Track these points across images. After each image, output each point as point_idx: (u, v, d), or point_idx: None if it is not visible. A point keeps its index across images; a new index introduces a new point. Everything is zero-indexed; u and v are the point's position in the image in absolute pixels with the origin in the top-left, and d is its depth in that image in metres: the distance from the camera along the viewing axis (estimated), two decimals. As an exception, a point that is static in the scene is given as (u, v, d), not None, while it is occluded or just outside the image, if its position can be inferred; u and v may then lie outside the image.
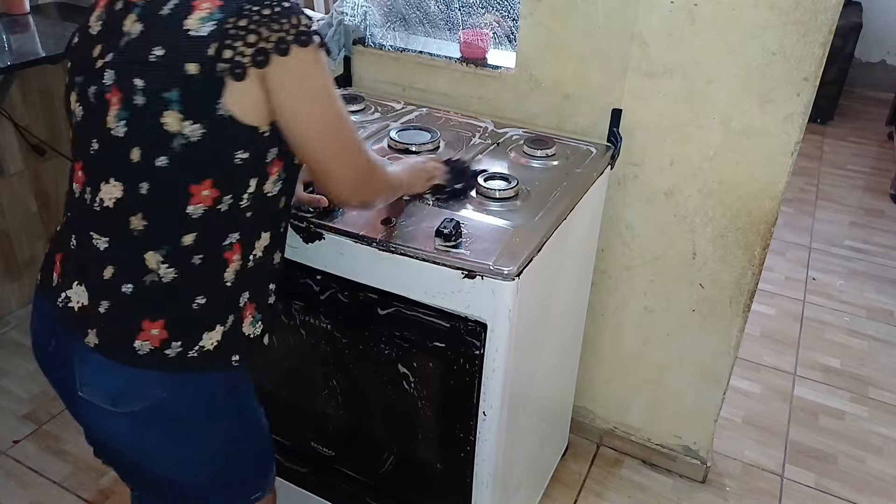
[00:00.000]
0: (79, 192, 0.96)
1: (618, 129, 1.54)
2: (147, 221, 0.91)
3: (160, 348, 0.94)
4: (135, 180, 0.90)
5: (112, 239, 0.93)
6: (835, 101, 4.37)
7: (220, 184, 0.91)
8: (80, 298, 0.95)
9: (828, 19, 1.29)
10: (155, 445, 1.00)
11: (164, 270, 0.93)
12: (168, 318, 0.94)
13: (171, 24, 0.85)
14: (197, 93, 0.84)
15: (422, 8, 1.80)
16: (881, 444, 2.02)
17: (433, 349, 1.21)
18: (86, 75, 0.93)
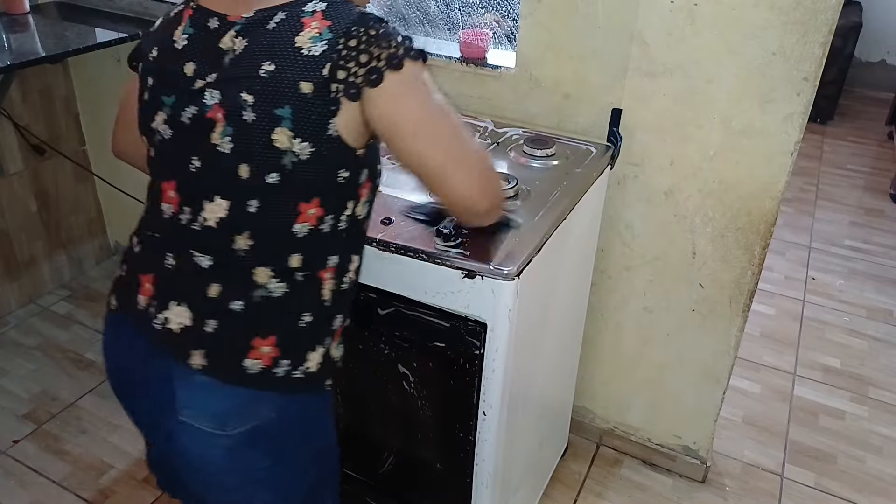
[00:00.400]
0: (171, 213, 0.93)
1: (618, 128, 1.54)
2: (253, 241, 0.89)
3: (270, 367, 0.91)
4: (243, 198, 0.87)
5: (216, 258, 0.91)
6: (835, 100, 4.37)
7: (325, 203, 0.90)
8: (181, 319, 0.91)
9: (828, 19, 1.29)
10: (249, 468, 0.96)
11: (275, 285, 0.91)
12: (279, 334, 0.92)
13: (281, 39, 0.84)
14: (309, 112, 0.83)
15: (421, 8, 1.80)
16: (881, 443, 2.02)
17: (433, 349, 1.21)
18: (178, 95, 0.90)
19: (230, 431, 0.92)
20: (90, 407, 2.04)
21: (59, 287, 2.54)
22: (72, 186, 2.48)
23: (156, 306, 0.93)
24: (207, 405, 0.92)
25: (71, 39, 1.97)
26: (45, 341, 2.30)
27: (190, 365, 0.90)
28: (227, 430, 0.92)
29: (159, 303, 0.93)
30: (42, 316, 2.41)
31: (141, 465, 1.86)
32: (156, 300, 0.93)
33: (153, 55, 0.94)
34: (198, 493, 1.01)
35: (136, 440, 1.93)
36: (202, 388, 0.91)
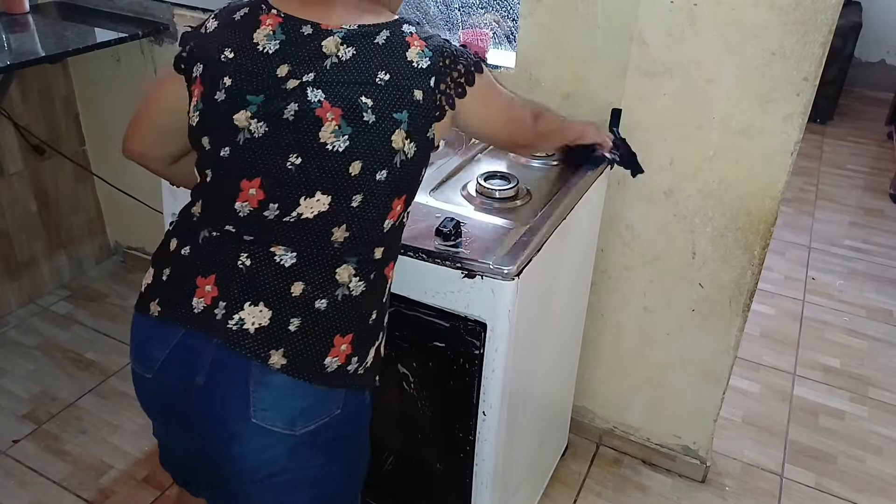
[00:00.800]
0: (250, 210, 0.93)
1: (618, 128, 1.54)
2: (349, 233, 0.93)
3: (344, 364, 0.95)
4: (348, 193, 0.92)
5: (302, 254, 0.93)
6: (834, 100, 4.37)
7: (407, 199, 1.00)
8: (258, 319, 0.91)
9: (828, 19, 1.29)
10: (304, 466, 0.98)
11: (355, 284, 0.95)
12: (356, 332, 0.96)
13: (393, 53, 0.94)
14: (420, 116, 0.94)
15: (421, 8, 1.80)
16: (881, 443, 2.02)
17: (433, 349, 1.21)
18: (269, 94, 0.92)
19: (298, 431, 0.94)
20: (90, 407, 2.04)
21: (59, 287, 2.54)
22: (72, 186, 2.48)
23: (225, 308, 0.92)
24: (283, 406, 0.93)
25: (71, 39, 1.97)
26: (45, 341, 2.30)
27: (269, 365, 0.91)
28: (296, 430, 0.94)
29: (230, 304, 0.92)
30: (42, 316, 2.41)
31: (141, 464, 1.86)
32: (224, 301, 0.93)
33: (228, 56, 0.94)
34: (241, 491, 1.00)
35: (136, 440, 1.93)
36: (280, 388, 0.92)
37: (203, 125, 0.96)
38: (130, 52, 2.21)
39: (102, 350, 2.25)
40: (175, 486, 1.60)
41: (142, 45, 2.18)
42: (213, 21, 1.00)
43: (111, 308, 2.45)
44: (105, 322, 2.38)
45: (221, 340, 0.92)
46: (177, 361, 0.96)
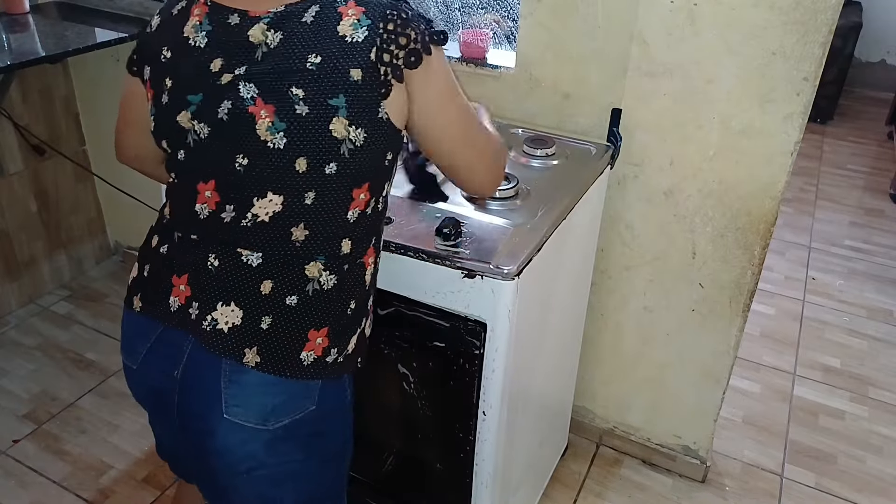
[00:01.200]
0: (209, 212, 0.91)
1: (618, 128, 1.54)
2: (309, 231, 0.90)
3: (321, 356, 0.94)
4: (299, 190, 0.88)
5: (267, 253, 0.91)
6: (835, 100, 4.37)
7: (372, 187, 0.92)
8: (231, 318, 0.91)
9: (828, 19, 1.29)
10: (283, 461, 0.98)
11: (326, 277, 0.93)
12: (331, 325, 0.94)
13: (323, 31, 0.85)
14: (362, 98, 0.85)
15: (421, 8, 1.80)
16: (881, 443, 2.02)
17: (433, 349, 1.21)
18: (206, 92, 0.88)
19: (271, 426, 0.93)
20: (90, 407, 2.04)
21: (59, 287, 2.54)
22: (72, 186, 2.48)
23: (199, 308, 0.92)
24: (256, 402, 0.92)
25: (71, 39, 1.97)
26: (45, 341, 2.30)
27: (245, 363, 0.90)
28: (269, 425, 0.93)
29: (203, 304, 0.92)
30: (42, 316, 2.41)
31: (141, 464, 1.86)
32: (197, 301, 0.93)
33: (167, 56, 0.92)
34: (228, 485, 1.01)
35: (136, 440, 1.93)
36: (253, 385, 0.92)
37: (158, 129, 0.94)
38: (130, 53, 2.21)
39: (102, 350, 2.25)
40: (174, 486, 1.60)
41: (142, 45, 2.18)
42: (157, 18, 0.96)
43: (111, 308, 2.45)
44: (105, 322, 2.38)
45: (196, 339, 0.92)
46: (158, 355, 0.97)
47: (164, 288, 0.95)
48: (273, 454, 0.96)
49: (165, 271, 0.96)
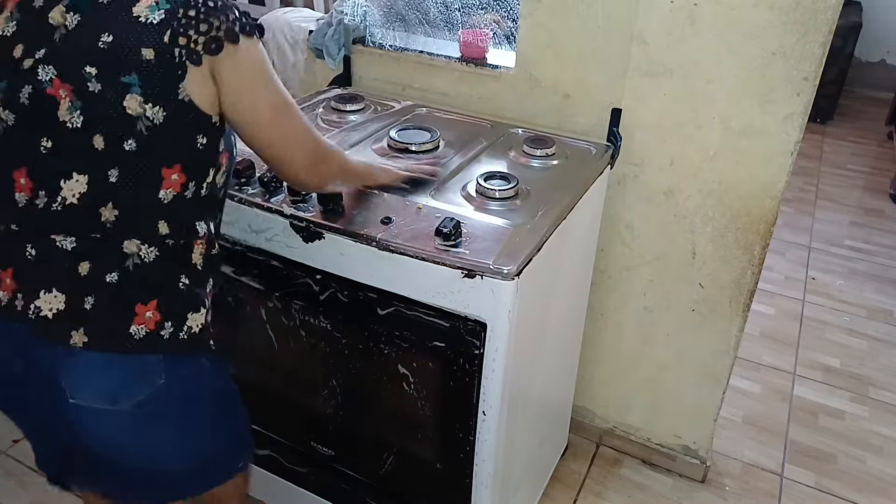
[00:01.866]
0: (26, 200, 0.93)
1: (618, 128, 1.54)
2: (118, 210, 0.92)
3: (155, 331, 0.95)
4: (102, 168, 0.90)
5: (80, 237, 0.93)
6: (835, 100, 4.37)
7: (187, 169, 0.95)
8: (54, 304, 0.92)
9: (828, 19, 1.29)
10: (151, 437, 1.00)
11: (146, 251, 0.94)
12: (160, 298, 0.95)
13: (117, 11, 0.88)
14: (156, 77, 0.88)
15: (421, 9, 1.80)
16: (881, 443, 2.02)
17: (433, 349, 1.21)
18: (10, 78, 0.90)
19: (123, 405, 0.95)
20: (90, 407, 2.04)
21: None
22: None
23: (23, 298, 0.94)
24: (96, 382, 0.94)
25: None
26: (45, 341, 2.29)
27: (73, 346, 0.92)
28: (121, 405, 0.95)
29: (26, 294, 0.93)
30: (42, 316, 2.41)
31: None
32: (21, 293, 0.94)
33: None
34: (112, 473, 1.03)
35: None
36: (89, 365, 0.93)
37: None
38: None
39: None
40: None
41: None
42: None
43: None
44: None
45: (26, 329, 0.93)
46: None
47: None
48: (136, 431, 0.98)
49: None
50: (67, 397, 0.93)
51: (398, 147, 1.47)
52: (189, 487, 1.14)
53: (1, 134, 0.93)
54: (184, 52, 0.88)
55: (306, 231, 1.22)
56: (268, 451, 1.57)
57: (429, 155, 1.46)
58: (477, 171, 1.39)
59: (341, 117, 1.62)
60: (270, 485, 1.61)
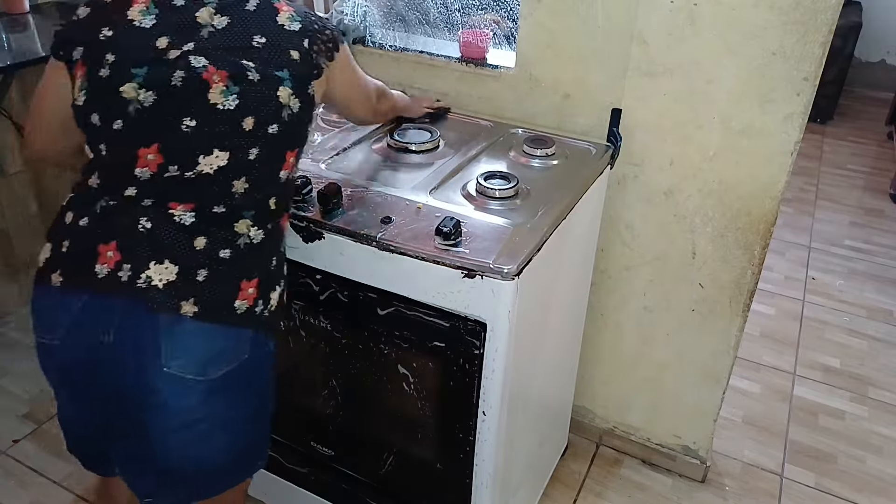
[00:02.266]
0: (150, 175, 0.99)
1: (618, 128, 1.54)
2: (248, 184, 1.02)
3: (252, 306, 1.03)
4: (245, 147, 1.01)
5: (200, 212, 1.00)
6: (835, 100, 4.37)
7: (299, 152, 1.10)
8: (165, 275, 0.98)
9: (828, 19, 1.29)
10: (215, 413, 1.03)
11: (255, 232, 1.05)
12: (261, 276, 1.05)
13: (264, 19, 1.03)
14: (301, 74, 1.04)
15: (421, 9, 1.80)
16: (881, 443, 2.02)
17: (433, 349, 1.21)
18: (152, 65, 0.98)
19: (210, 375, 1.00)
20: (90, 407, 2.04)
21: (59, 287, 2.54)
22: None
23: (130, 270, 0.98)
24: (195, 351, 0.99)
25: (71, 39, 1.97)
26: (45, 341, 2.29)
27: (183, 314, 0.97)
28: (208, 375, 1.00)
29: (134, 265, 0.98)
30: (42, 316, 2.41)
31: (141, 464, 1.86)
32: (129, 264, 0.98)
33: (107, 34, 1.00)
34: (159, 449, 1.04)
35: (135, 440, 1.93)
36: (192, 335, 0.99)
37: (91, 102, 1.01)
38: (130, 52, 2.21)
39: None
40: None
41: (142, 45, 2.18)
42: (84, 8, 1.05)
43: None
44: (105, 322, 2.38)
45: (129, 299, 0.97)
46: (84, 324, 1.00)
47: (88, 258, 1.00)
48: (210, 405, 1.02)
49: (90, 242, 1.00)
50: (161, 365, 0.97)
51: (398, 147, 1.47)
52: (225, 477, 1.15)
53: (132, 114, 0.99)
54: (318, 56, 1.06)
55: (306, 231, 1.22)
56: (268, 451, 1.57)
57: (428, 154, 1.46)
58: (477, 170, 1.39)
59: (341, 117, 1.62)
60: (270, 485, 1.61)
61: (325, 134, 1.53)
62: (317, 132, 1.53)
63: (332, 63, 1.09)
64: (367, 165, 1.42)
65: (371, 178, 1.36)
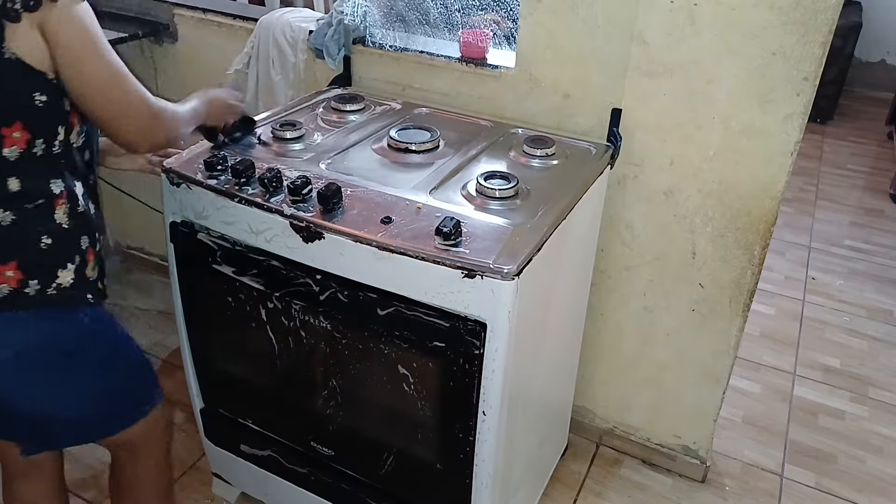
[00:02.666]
0: None
1: (618, 128, 1.54)
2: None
3: (19, 288, 1.02)
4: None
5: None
6: (835, 100, 4.37)
7: (29, 127, 0.99)
8: None
9: (828, 19, 1.29)
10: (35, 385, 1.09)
11: (2, 215, 1.01)
12: (19, 259, 1.02)
13: None
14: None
15: (421, 9, 1.80)
16: (881, 443, 2.02)
17: (433, 349, 1.21)
18: None
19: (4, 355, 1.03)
20: (90, 407, 2.04)
21: (59, 287, 2.54)
22: (71, 186, 2.47)
23: None
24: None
25: (70, 39, 1.97)
26: (45, 341, 2.29)
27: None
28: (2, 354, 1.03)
29: None
30: (42, 316, 2.41)
31: (141, 464, 1.86)
32: None
33: None
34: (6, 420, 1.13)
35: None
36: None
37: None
38: (130, 52, 2.21)
39: None
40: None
41: (142, 44, 2.18)
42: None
43: (110, 308, 2.41)
44: (105, 322, 2.38)
45: None
46: None
47: None
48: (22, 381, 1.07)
49: None
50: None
51: (398, 147, 1.47)
52: (86, 432, 1.23)
53: None
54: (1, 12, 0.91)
55: (306, 231, 1.22)
56: (268, 451, 1.57)
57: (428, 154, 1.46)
58: (477, 170, 1.39)
59: (341, 117, 1.62)
60: (270, 485, 1.61)
61: (325, 134, 1.53)
62: (316, 132, 1.53)
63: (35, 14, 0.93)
64: (367, 165, 1.42)
65: (371, 178, 1.36)
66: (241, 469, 1.65)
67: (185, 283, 1.46)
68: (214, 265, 1.36)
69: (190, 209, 1.35)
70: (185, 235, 1.38)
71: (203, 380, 1.59)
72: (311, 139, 1.49)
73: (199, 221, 1.35)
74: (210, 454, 1.72)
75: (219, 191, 1.29)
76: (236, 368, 1.55)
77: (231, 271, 1.35)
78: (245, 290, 1.36)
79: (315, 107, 1.67)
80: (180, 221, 1.38)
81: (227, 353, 1.53)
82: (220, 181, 1.31)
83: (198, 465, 1.87)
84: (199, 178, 1.32)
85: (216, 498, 1.78)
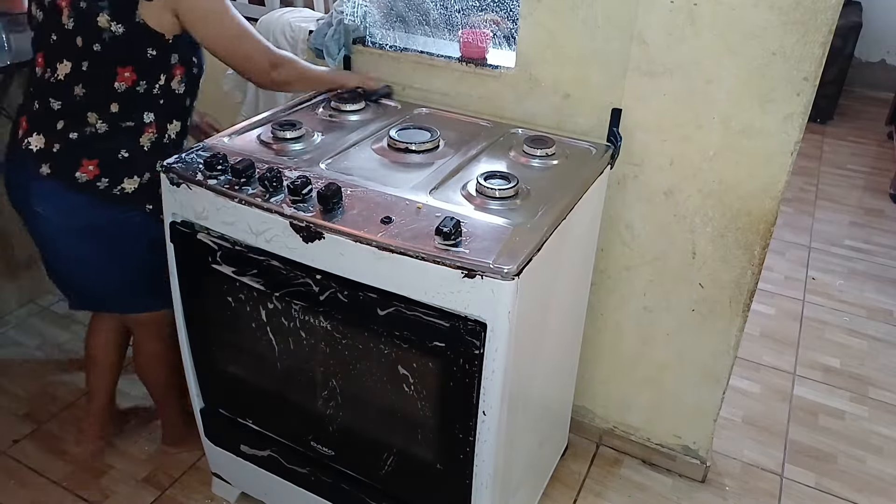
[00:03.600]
0: (40, 73, 1.42)
1: (618, 128, 1.54)
2: (85, 90, 1.38)
3: (93, 181, 1.41)
4: (79, 59, 1.36)
5: (63, 103, 1.39)
6: (835, 100, 4.37)
7: (138, 70, 1.38)
8: (38, 143, 1.41)
9: (828, 19, 1.29)
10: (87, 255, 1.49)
11: (100, 125, 1.40)
12: (100, 159, 1.41)
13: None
14: (120, 4, 1.33)
15: (421, 9, 1.80)
16: (881, 443, 2.02)
17: (433, 349, 1.21)
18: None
19: (71, 223, 1.44)
20: (90, 407, 2.04)
21: (59, 287, 2.54)
22: (72, 186, 2.48)
23: (25, 136, 1.43)
24: (52, 202, 1.43)
25: (71, 39, 1.97)
26: (44, 341, 2.30)
27: (41, 174, 1.41)
28: (70, 221, 1.44)
29: (26, 133, 1.43)
30: (42, 316, 2.41)
31: (141, 464, 1.86)
32: (25, 132, 1.43)
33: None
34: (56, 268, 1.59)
35: (136, 440, 1.93)
36: (48, 189, 1.42)
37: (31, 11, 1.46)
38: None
39: None
40: (172, 484, 1.62)
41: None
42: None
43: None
44: (105, 322, 2.38)
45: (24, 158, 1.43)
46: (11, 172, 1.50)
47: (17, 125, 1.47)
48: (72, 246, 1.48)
49: (19, 115, 1.48)
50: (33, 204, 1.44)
51: (398, 147, 1.47)
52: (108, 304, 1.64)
53: (35, 28, 1.43)
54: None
55: (306, 231, 1.22)
56: (268, 451, 1.57)
57: (428, 154, 1.46)
58: (477, 170, 1.39)
59: (341, 117, 1.62)
60: (270, 485, 1.61)
61: (326, 134, 1.53)
62: (317, 132, 1.53)
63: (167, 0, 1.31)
64: (367, 165, 1.42)
65: (371, 178, 1.36)
66: (241, 469, 1.65)
67: (185, 283, 1.46)
68: (214, 265, 1.36)
69: (190, 209, 1.35)
70: (185, 235, 1.38)
71: (203, 380, 1.60)
72: (311, 139, 1.49)
73: (199, 221, 1.35)
74: (210, 454, 1.72)
75: (219, 191, 1.29)
76: (236, 368, 1.55)
77: (231, 271, 1.35)
78: (245, 290, 1.36)
79: (315, 107, 1.67)
80: (180, 221, 1.38)
81: (227, 353, 1.53)
82: (219, 181, 1.31)
83: (198, 465, 1.87)
84: (199, 178, 1.32)
85: (216, 498, 1.78)
